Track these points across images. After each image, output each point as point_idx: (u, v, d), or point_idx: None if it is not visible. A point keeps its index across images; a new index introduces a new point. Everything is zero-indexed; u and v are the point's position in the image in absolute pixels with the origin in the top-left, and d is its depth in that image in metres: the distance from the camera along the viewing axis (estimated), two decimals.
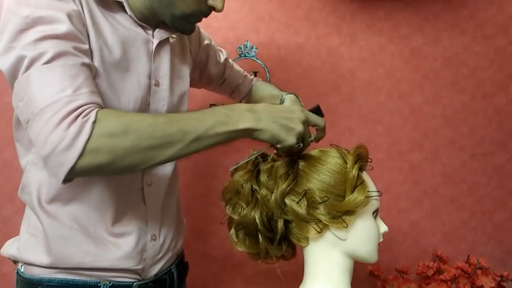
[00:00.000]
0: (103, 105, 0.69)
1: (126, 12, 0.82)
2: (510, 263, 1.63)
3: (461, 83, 1.57)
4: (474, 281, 1.39)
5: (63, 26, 0.68)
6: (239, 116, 0.72)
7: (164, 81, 0.89)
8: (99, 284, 0.85)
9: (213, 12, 0.86)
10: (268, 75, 1.46)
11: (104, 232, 0.85)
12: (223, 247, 1.48)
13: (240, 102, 1.20)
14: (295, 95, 0.99)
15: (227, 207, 0.81)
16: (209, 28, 1.23)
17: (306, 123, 0.78)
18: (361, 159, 0.77)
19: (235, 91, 1.19)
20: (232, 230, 0.81)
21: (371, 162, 0.81)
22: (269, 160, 0.81)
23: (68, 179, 0.65)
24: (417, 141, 1.56)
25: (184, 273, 1.06)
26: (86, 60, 0.71)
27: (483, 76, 1.57)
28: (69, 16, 0.70)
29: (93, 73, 0.73)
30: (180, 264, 1.03)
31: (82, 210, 0.83)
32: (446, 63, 1.55)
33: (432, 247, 1.58)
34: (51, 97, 0.64)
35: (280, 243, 0.79)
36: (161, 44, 0.88)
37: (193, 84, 1.12)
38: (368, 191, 0.75)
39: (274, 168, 0.77)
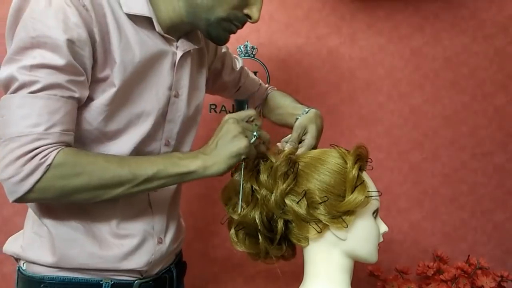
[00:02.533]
0: (72, 143, 0.74)
1: (154, 28, 0.82)
2: (510, 263, 1.63)
3: (461, 83, 1.57)
4: (474, 281, 1.39)
5: (62, 59, 0.69)
6: (192, 158, 0.76)
7: (183, 92, 0.90)
8: (101, 282, 0.85)
9: None
10: (268, 75, 1.46)
11: (109, 234, 0.85)
12: (224, 247, 1.48)
13: (255, 109, 1.21)
14: (317, 110, 0.99)
15: (227, 207, 0.81)
16: None
17: (238, 121, 0.78)
18: (361, 159, 0.78)
19: (250, 99, 1.19)
20: (232, 230, 0.81)
21: (371, 162, 0.81)
22: (269, 160, 0.81)
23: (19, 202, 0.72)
24: (417, 141, 1.56)
25: (183, 272, 1.07)
26: (76, 93, 0.73)
27: (483, 76, 1.57)
28: (72, 44, 0.70)
29: (81, 103, 0.76)
30: (179, 264, 1.04)
31: (87, 212, 0.83)
32: (446, 63, 1.55)
33: (432, 247, 1.58)
34: (23, 130, 0.68)
35: (280, 243, 0.79)
36: (184, 56, 0.88)
37: (206, 90, 1.12)
38: (368, 191, 0.75)
39: (274, 168, 0.77)
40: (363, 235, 0.77)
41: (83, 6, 0.71)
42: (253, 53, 1.44)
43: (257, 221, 0.76)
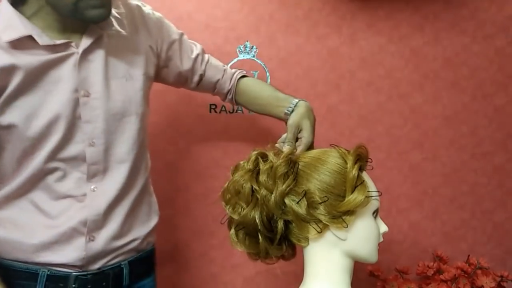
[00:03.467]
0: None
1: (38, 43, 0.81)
2: (510, 263, 1.63)
3: (461, 83, 1.57)
4: (474, 281, 1.39)
5: None
6: None
7: (96, 89, 0.88)
8: (38, 271, 0.88)
9: (213, 12, 0.85)
10: (268, 75, 1.46)
11: (40, 232, 0.87)
12: (223, 247, 1.48)
13: (225, 98, 1.16)
14: (306, 101, 0.96)
15: (227, 207, 0.81)
16: (209, 28, 1.23)
17: None
18: (361, 159, 0.77)
19: (216, 87, 1.14)
20: (232, 230, 0.81)
21: (371, 162, 0.81)
22: (269, 160, 0.81)
23: None
24: (417, 141, 1.56)
25: (142, 271, 1.03)
26: None
27: (483, 76, 1.57)
28: None
29: None
30: (137, 262, 1.00)
31: (17, 212, 0.87)
32: (446, 63, 1.55)
33: (432, 247, 1.58)
34: None
35: (280, 243, 0.79)
36: (88, 51, 0.86)
37: (166, 82, 1.09)
38: (368, 191, 0.75)
39: (274, 168, 0.77)
40: (363, 235, 0.77)
41: None
42: (253, 53, 1.44)
43: (257, 221, 0.76)
